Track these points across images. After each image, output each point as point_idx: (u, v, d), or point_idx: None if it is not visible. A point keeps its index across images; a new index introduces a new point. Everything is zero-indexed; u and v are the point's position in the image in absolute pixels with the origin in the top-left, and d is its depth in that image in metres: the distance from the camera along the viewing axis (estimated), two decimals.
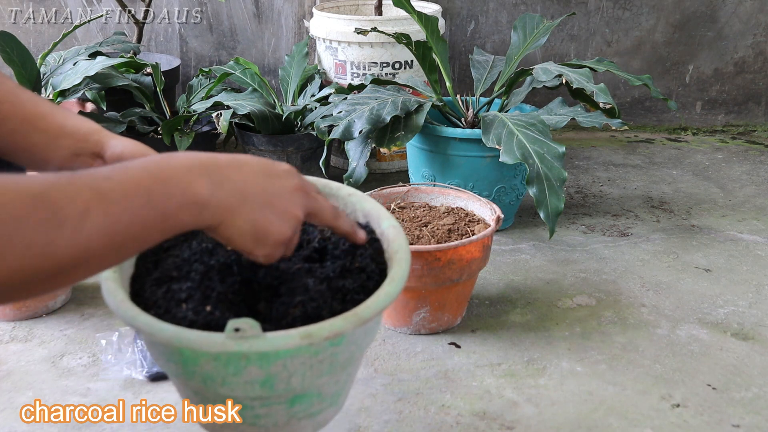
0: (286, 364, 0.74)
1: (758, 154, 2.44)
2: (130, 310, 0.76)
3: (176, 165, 0.67)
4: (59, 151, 0.82)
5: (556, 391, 1.25)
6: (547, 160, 1.57)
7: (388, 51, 2.08)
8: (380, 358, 1.33)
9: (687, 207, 2.01)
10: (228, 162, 0.71)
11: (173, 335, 0.72)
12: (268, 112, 1.95)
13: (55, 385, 1.24)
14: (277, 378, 0.75)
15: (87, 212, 0.59)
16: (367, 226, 0.91)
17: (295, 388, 0.77)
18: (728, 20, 2.59)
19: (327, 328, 0.73)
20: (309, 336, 0.72)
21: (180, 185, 0.65)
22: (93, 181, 0.61)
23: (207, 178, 0.68)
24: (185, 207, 0.66)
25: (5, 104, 0.80)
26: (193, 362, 0.75)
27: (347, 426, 1.15)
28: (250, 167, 0.73)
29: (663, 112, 2.67)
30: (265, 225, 0.71)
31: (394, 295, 0.78)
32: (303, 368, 0.76)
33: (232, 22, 2.49)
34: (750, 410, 1.21)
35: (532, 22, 1.93)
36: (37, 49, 2.39)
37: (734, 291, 1.58)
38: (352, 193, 0.94)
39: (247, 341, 0.71)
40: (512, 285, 1.59)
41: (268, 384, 0.75)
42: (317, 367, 0.77)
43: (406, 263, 0.82)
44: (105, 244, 0.60)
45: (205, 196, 0.67)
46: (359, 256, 0.85)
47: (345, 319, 0.74)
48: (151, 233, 0.64)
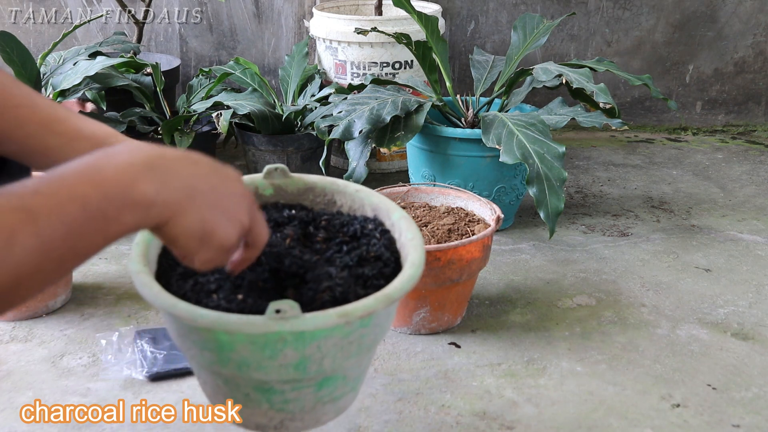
0: (320, 346, 0.77)
1: (758, 154, 2.44)
2: (169, 299, 0.77)
3: (117, 163, 0.63)
4: (75, 153, 0.81)
5: (556, 391, 1.25)
6: (547, 160, 1.57)
7: (388, 51, 2.08)
8: (380, 358, 1.33)
9: (687, 207, 2.01)
10: (176, 156, 0.68)
11: (215, 320, 0.74)
12: (268, 112, 1.95)
13: (55, 385, 1.24)
14: (311, 360, 0.78)
15: (13, 236, 0.56)
16: (375, 218, 0.94)
17: (325, 370, 0.80)
18: (728, 20, 2.59)
19: (361, 307, 0.76)
20: (346, 315, 0.75)
21: (120, 185, 0.62)
22: (20, 200, 0.57)
23: (151, 173, 0.64)
24: (127, 208, 0.62)
25: (23, 108, 0.80)
26: (230, 347, 0.76)
27: (347, 426, 1.15)
28: (201, 165, 0.70)
29: (663, 112, 2.67)
30: (212, 226, 0.69)
31: (416, 278, 0.82)
32: (335, 349, 0.78)
33: (232, 22, 2.49)
34: (750, 410, 1.21)
35: (532, 22, 1.93)
36: (37, 49, 2.39)
37: (734, 291, 1.58)
38: (359, 189, 0.96)
39: (288, 321, 0.73)
40: (512, 285, 1.59)
41: (302, 366, 0.78)
42: (347, 348, 0.79)
43: (423, 249, 0.86)
44: (40, 263, 0.58)
45: (149, 195, 0.63)
46: (373, 246, 0.89)
47: (376, 299, 0.78)
48: (93, 241, 0.61)
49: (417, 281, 0.82)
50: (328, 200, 0.97)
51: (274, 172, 0.96)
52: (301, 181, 0.97)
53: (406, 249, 0.87)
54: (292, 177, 0.97)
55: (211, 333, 0.76)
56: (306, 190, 0.97)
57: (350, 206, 0.96)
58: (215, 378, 0.84)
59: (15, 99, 0.80)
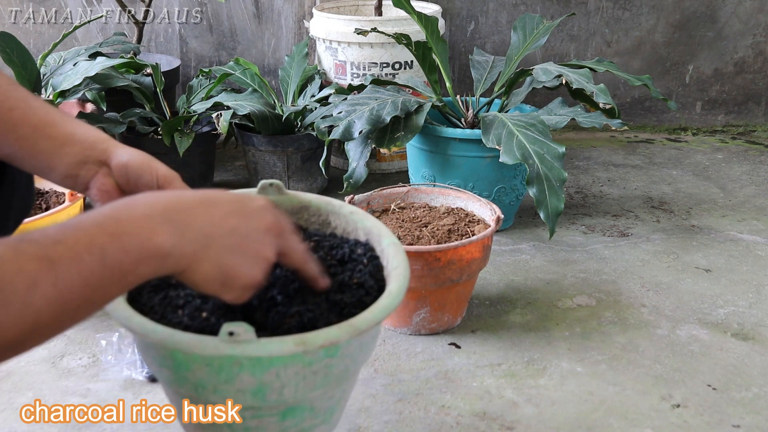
0: (279, 373, 0.74)
1: (758, 154, 2.44)
2: (125, 311, 0.76)
3: (135, 214, 0.64)
4: (65, 158, 0.81)
5: (557, 392, 1.25)
6: (547, 161, 1.57)
7: (388, 51, 2.08)
8: (380, 359, 1.33)
9: (687, 207, 2.02)
10: (194, 203, 0.69)
11: (166, 337, 0.72)
12: (268, 112, 1.95)
13: (55, 385, 1.24)
14: (270, 388, 0.74)
15: (35, 285, 0.57)
16: (367, 243, 0.91)
17: (287, 400, 0.77)
18: (728, 20, 2.59)
19: (322, 336, 0.72)
20: (303, 343, 0.71)
21: (138, 238, 0.63)
22: (41, 249, 0.58)
23: (168, 225, 0.65)
24: (144, 260, 0.63)
25: (17, 111, 0.80)
26: (186, 367, 0.74)
27: (347, 426, 1.15)
28: (219, 207, 0.70)
29: (663, 112, 2.67)
30: (232, 269, 0.69)
31: (390, 309, 0.77)
32: (296, 379, 0.75)
33: (232, 23, 2.49)
34: (750, 410, 1.21)
35: (531, 22, 1.93)
36: (37, 50, 2.39)
37: (734, 291, 1.58)
38: (353, 211, 0.94)
39: (241, 345, 0.70)
40: (512, 285, 1.59)
41: (260, 394, 0.75)
42: (311, 378, 0.76)
43: (405, 279, 0.82)
44: (57, 313, 0.59)
45: (166, 248, 0.64)
46: (358, 272, 0.85)
47: (340, 329, 0.73)
48: (109, 291, 0.62)
49: (391, 312, 0.78)
50: (323, 220, 0.96)
51: (269, 187, 0.94)
52: (296, 198, 0.95)
53: (390, 278, 0.84)
54: (287, 194, 0.95)
55: (166, 350, 0.74)
56: (301, 209, 0.96)
57: (344, 228, 0.95)
58: (177, 397, 0.82)
59: (9, 101, 0.80)
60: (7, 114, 0.80)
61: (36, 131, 0.81)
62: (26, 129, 0.80)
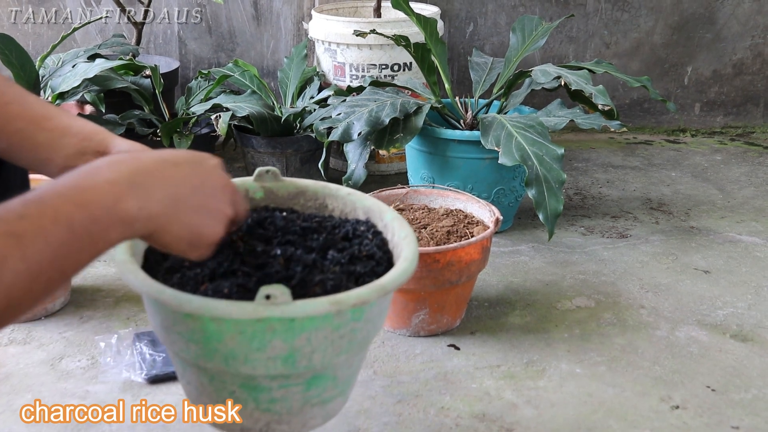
0: (310, 338, 0.75)
1: (757, 156, 2.44)
2: (156, 285, 0.76)
3: (98, 181, 0.64)
4: (63, 149, 0.82)
5: (556, 393, 1.25)
6: (546, 162, 1.57)
7: (387, 53, 2.09)
8: (379, 360, 1.33)
9: (686, 208, 2.02)
10: (156, 164, 0.69)
11: (203, 304, 0.72)
12: (267, 114, 1.95)
13: (54, 387, 1.24)
14: (300, 353, 0.76)
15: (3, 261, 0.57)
16: (368, 221, 0.93)
17: (315, 366, 0.78)
18: (726, 22, 2.59)
19: (354, 296, 0.74)
20: (338, 303, 0.73)
21: (104, 205, 0.63)
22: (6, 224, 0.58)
23: (134, 190, 0.65)
24: (112, 226, 0.63)
25: (13, 105, 0.81)
26: (218, 338, 0.75)
27: (346, 428, 1.15)
28: (180, 167, 0.71)
29: (662, 113, 2.68)
30: (199, 228, 0.71)
31: (410, 271, 0.81)
32: (325, 343, 0.77)
33: (231, 24, 2.49)
34: (749, 412, 1.21)
35: (530, 23, 1.94)
36: (36, 52, 2.39)
37: (733, 292, 1.58)
38: (351, 192, 0.96)
39: (279, 307, 0.71)
40: (511, 287, 1.59)
41: (291, 360, 0.76)
42: (338, 342, 0.78)
43: (416, 245, 0.85)
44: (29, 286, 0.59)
45: (133, 211, 0.65)
46: (365, 245, 0.88)
47: (371, 289, 0.76)
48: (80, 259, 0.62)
49: (411, 274, 0.81)
50: (320, 204, 0.97)
51: (265, 174, 0.95)
52: (292, 184, 0.96)
53: (399, 247, 0.87)
54: (283, 180, 0.96)
55: (197, 322, 0.75)
56: (297, 194, 0.96)
57: (342, 210, 0.96)
58: (200, 375, 0.83)
59: (5, 96, 0.81)
60: (4, 108, 0.81)
61: (33, 124, 0.81)
62: (23, 122, 0.81)
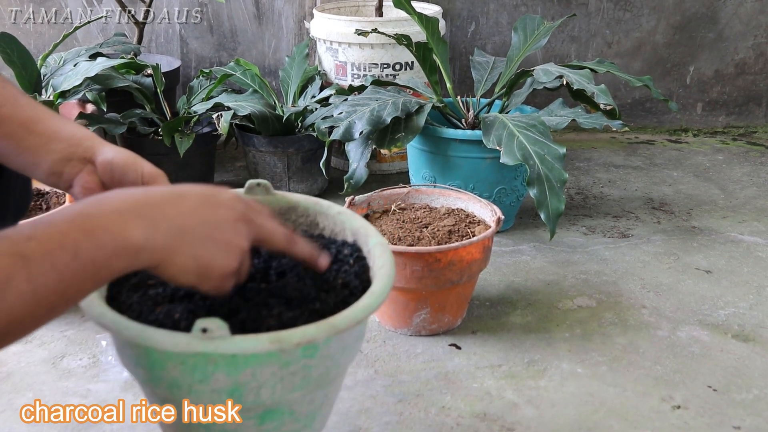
0: (255, 373, 0.72)
1: (759, 156, 2.44)
2: (98, 308, 0.75)
3: (106, 210, 0.65)
4: (50, 154, 0.81)
5: (557, 393, 1.25)
6: (548, 162, 1.57)
7: (389, 52, 2.08)
8: (380, 360, 1.33)
9: (688, 208, 2.01)
10: (163, 197, 0.69)
11: (138, 333, 0.71)
12: (268, 113, 1.95)
13: (56, 386, 1.24)
14: (246, 388, 0.73)
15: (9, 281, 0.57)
16: (354, 244, 0.91)
17: (264, 402, 0.75)
18: (729, 21, 2.59)
19: (299, 334, 0.70)
20: (279, 341, 0.69)
21: (110, 233, 0.63)
22: (14, 245, 0.59)
23: (140, 219, 0.65)
24: (117, 255, 0.63)
25: (5, 107, 0.81)
26: (160, 366, 0.73)
27: (347, 428, 1.15)
28: (188, 200, 0.70)
29: (664, 113, 2.67)
30: (207, 260, 0.70)
31: (372, 308, 0.76)
32: (273, 379, 0.73)
33: (232, 23, 2.49)
34: (751, 412, 1.21)
35: (532, 23, 1.93)
36: (37, 50, 2.39)
37: (735, 292, 1.58)
38: (341, 211, 0.94)
39: (214, 342, 0.68)
40: (513, 286, 1.59)
41: (237, 394, 0.73)
42: (289, 379, 0.74)
43: (389, 278, 0.80)
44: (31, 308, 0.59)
45: (139, 241, 0.65)
46: (343, 272, 0.85)
47: (318, 327, 0.72)
48: (83, 287, 0.62)
49: (373, 311, 0.76)
50: (311, 221, 0.96)
51: (257, 187, 0.94)
52: (284, 199, 0.95)
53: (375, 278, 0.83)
54: (275, 195, 0.95)
55: (141, 348, 0.73)
56: (288, 209, 0.95)
57: (332, 229, 0.95)
58: (154, 398, 0.82)
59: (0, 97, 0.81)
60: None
61: (23, 127, 0.81)
62: (13, 125, 0.80)
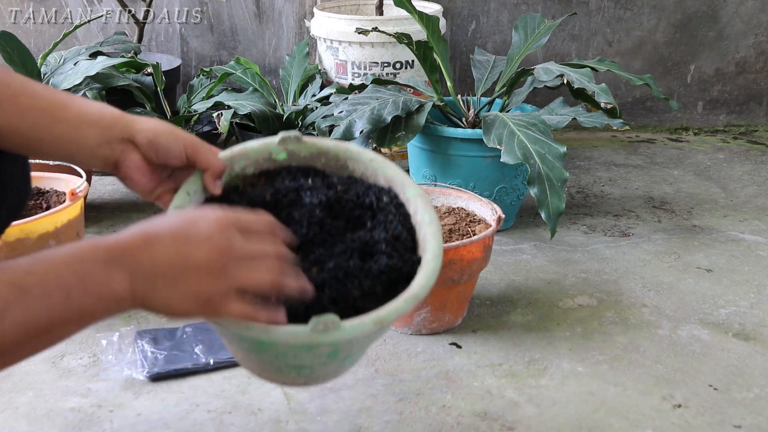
0: (353, 342, 0.80)
1: (760, 154, 2.44)
2: None
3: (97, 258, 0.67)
4: (85, 141, 0.81)
5: (558, 392, 1.24)
6: (549, 160, 1.56)
7: (389, 51, 2.08)
8: (381, 359, 1.32)
9: (688, 207, 2.01)
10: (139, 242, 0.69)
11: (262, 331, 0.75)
12: (268, 112, 1.95)
13: (56, 385, 1.24)
14: (342, 350, 0.82)
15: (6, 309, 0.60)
16: (390, 190, 0.92)
17: (353, 354, 0.86)
18: (730, 20, 2.58)
19: (394, 312, 0.79)
20: (380, 321, 0.78)
21: (97, 283, 0.66)
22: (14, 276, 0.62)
23: (122, 271, 0.67)
24: (102, 303, 0.67)
25: (23, 97, 0.79)
26: (269, 347, 0.79)
27: (348, 426, 1.15)
28: (162, 242, 0.70)
29: (664, 112, 2.67)
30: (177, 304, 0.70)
31: (438, 271, 0.83)
32: (364, 341, 0.83)
33: (232, 22, 2.49)
34: (751, 411, 1.20)
35: (533, 22, 1.93)
36: (37, 49, 2.39)
37: (736, 291, 1.58)
38: (373, 158, 0.94)
39: (330, 333, 0.75)
40: (513, 285, 1.59)
41: (334, 355, 0.81)
42: (373, 337, 0.84)
43: (440, 235, 0.86)
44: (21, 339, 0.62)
45: (120, 293, 0.67)
46: (389, 222, 0.88)
47: (406, 302, 0.80)
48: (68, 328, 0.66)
49: (437, 275, 0.83)
50: (341, 165, 0.95)
51: (289, 138, 0.94)
52: (314, 146, 0.95)
53: (423, 230, 0.88)
54: (306, 142, 0.95)
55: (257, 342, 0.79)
56: (318, 155, 0.95)
57: (363, 173, 0.95)
58: (249, 355, 0.85)
59: (11, 88, 0.79)
60: (12, 102, 0.78)
61: (48, 116, 0.80)
62: (36, 115, 0.79)
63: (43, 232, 1.37)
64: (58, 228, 1.39)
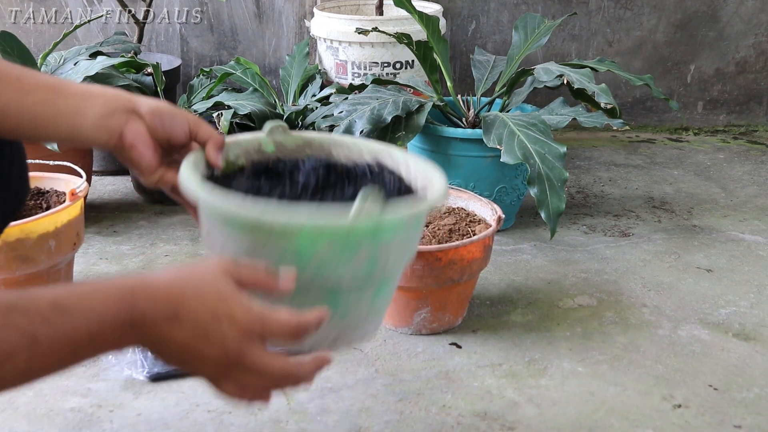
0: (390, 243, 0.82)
1: (760, 154, 2.44)
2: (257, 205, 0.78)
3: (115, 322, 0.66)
4: (91, 111, 0.82)
5: (558, 392, 1.24)
6: (549, 161, 1.56)
7: (389, 51, 2.08)
8: (381, 359, 1.32)
9: (688, 207, 2.01)
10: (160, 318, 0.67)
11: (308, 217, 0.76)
12: (269, 112, 1.95)
13: (56, 385, 1.24)
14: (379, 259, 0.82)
15: (12, 356, 0.60)
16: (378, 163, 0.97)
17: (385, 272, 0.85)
18: (730, 20, 2.58)
19: (427, 201, 0.84)
20: (415, 214, 0.82)
21: (107, 342, 0.66)
22: (31, 324, 0.61)
23: (136, 338, 0.68)
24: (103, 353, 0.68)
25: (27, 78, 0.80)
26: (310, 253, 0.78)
27: (348, 426, 1.15)
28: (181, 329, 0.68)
29: (664, 112, 2.67)
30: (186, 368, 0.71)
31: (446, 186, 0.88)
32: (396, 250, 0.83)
33: (232, 22, 2.49)
34: (752, 411, 1.20)
35: (533, 22, 1.93)
36: (37, 49, 2.39)
37: (736, 291, 1.58)
38: (356, 141, 1.00)
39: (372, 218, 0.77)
40: (513, 285, 1.59)
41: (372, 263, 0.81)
42: (403, 248, 0.85)
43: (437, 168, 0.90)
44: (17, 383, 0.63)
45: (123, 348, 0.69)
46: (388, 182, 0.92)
47: (438, 193, 0.85)
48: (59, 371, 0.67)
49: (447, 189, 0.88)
50: (326, 153, 1.01)
51: (276, 129, 0.98)
52: (300, 138, 1.01)
53: (419, 173, 0.92)
54: (292, 134, 1.00)
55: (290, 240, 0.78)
56: (304, 145, 1.00)
57: (347, 155, 0.99)
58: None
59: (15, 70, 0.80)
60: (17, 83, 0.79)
61: (53, 92, 0.81)
62: (41, 92, 0.80)
63: (43, 232, 1.37)
64: (58, 228, 1.39)
